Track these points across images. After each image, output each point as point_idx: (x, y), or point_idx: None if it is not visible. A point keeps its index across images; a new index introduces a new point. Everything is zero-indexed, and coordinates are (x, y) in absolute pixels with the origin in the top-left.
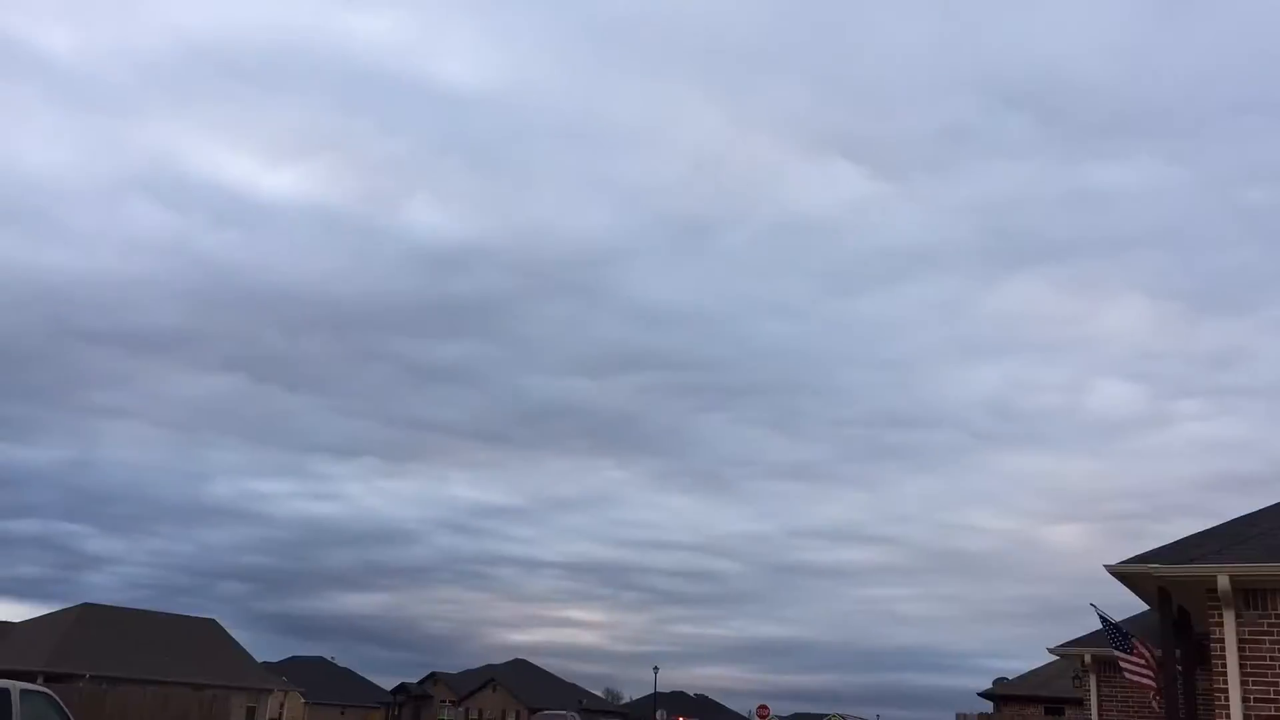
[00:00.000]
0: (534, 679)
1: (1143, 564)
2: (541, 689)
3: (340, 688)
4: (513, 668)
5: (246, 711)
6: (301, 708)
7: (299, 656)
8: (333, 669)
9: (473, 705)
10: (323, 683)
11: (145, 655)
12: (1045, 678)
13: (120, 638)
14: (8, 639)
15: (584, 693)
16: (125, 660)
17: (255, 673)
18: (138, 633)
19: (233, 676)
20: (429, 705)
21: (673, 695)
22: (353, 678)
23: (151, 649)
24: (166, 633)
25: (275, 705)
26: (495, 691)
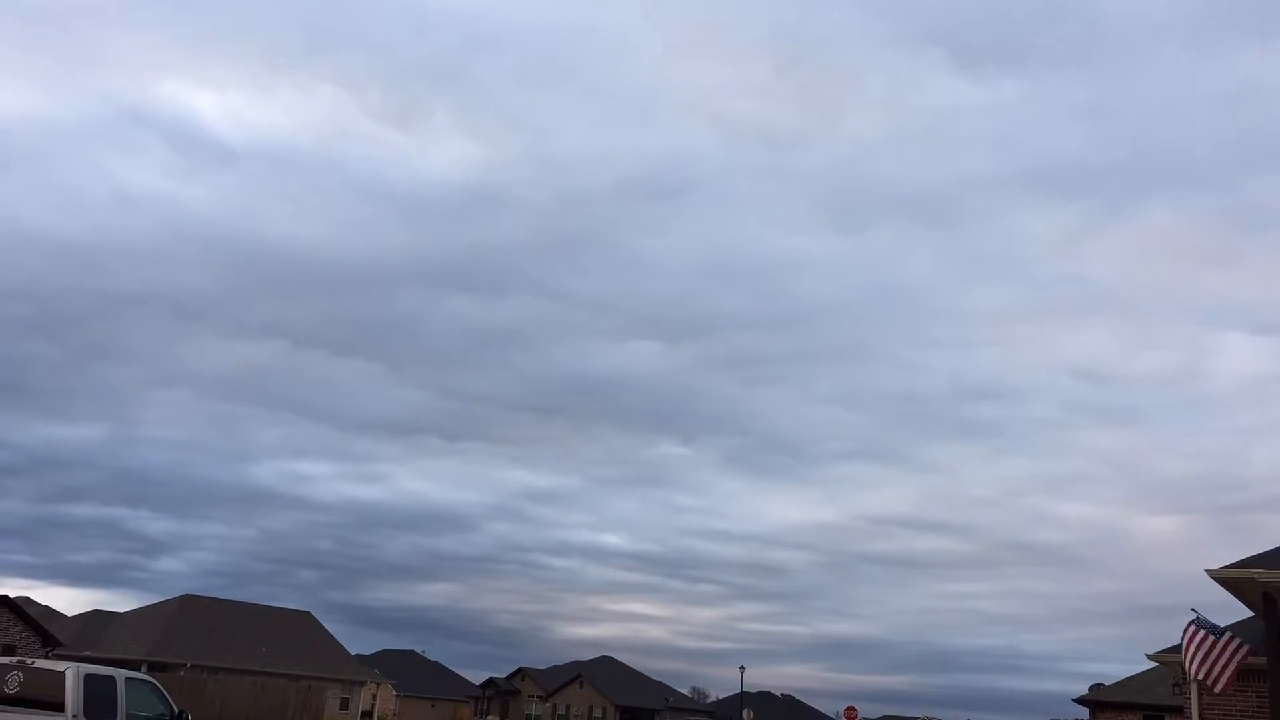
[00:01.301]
0: (621, 676)
1: (1246, 569)
2: (628, 686)
3: (430, 681)
4: (600, 664)
5: (340, 702)
6: (393, 700)
7: (390, 649)
8: (423, 662)
9: (560, 701)
10: (413, 675)
11: (243, 645)
12: (1143, 684)
13: (219, 628)
14: (113, 629)
15: (670, 691)
16: (224, 650)
17: (349, 664)
18: (235, 623)
19: (327, 668)
20: (517, 700)
21: (759, 695)
22: (442, 671)
23: (249, 639)
24: (263, 624)
25: (368, 697)
26: (583, 688)
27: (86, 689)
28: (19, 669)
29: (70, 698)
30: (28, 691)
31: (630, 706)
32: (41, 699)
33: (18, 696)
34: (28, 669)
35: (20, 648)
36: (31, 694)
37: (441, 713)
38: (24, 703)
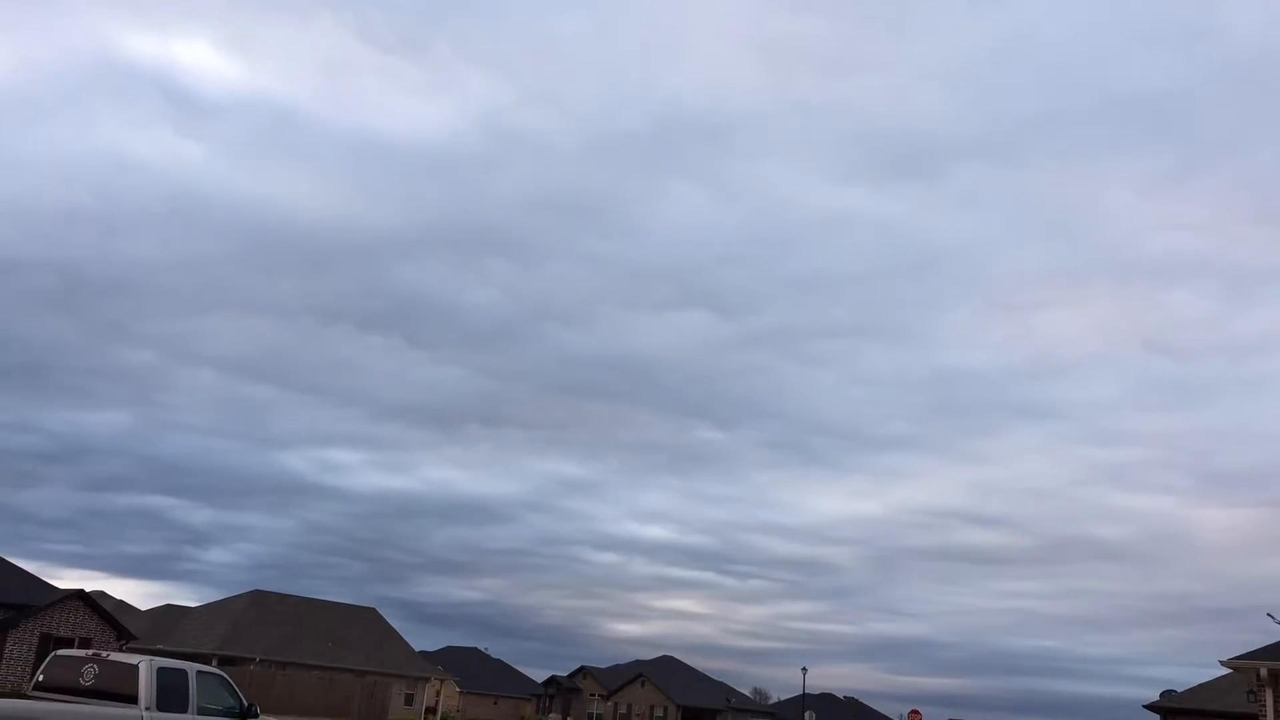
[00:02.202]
0: (682, 676)
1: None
2: (690, 686)
3: (493, 678)
4: (661, 664)
5: (405, 698)
6: (457, 696)
7: (453, 646)
8: (486, 659)
9: (621, 700)
10: (476, 673)
11: (310, 641)
12: (1217, 691)
13: (287, 623)
14: (184, 623)
15: (732, 691)
16: (292, 645)
17: (413, 661)
18: (303, 619)
19: (392, 664)
20: (579, 698)
21: (821, 697)
22: (504, 669)
23: (316, 635)
24: (330, 619)
25: (431, 693)
26: (644, 687)
27: (159, 682)
28: (94, 662)
29: (143, 690)
30: (103, 684)
31: (692, 706)
32: (116, 691)
33: (93, 689)
34: (102, 662)
35: (95, 641)
36: (106, 686)
37: (504, 710)
38: (99, 695)
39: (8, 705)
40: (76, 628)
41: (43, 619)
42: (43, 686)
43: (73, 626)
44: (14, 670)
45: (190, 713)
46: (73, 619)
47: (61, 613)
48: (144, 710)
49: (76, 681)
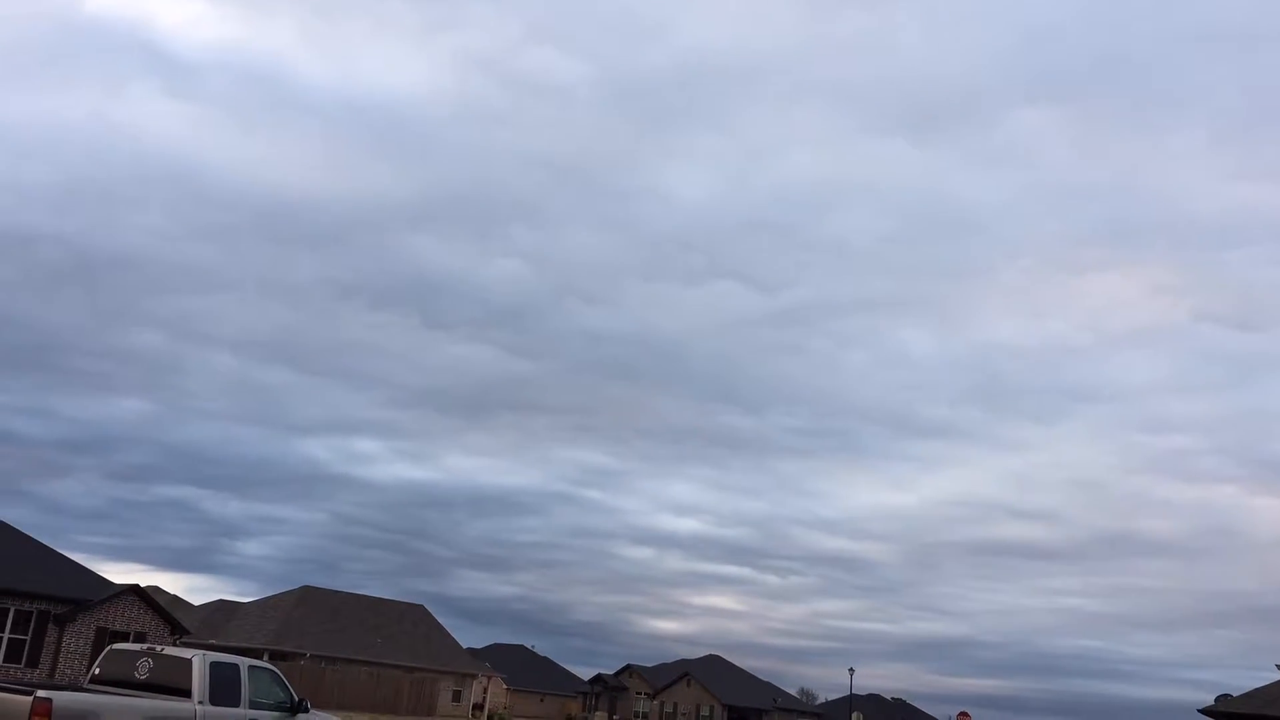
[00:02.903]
0: (728, 675)
1: None
2: (736, 685)
3: (539, 675)
4: (707, 663)
5: (452, 695)
6: (504, 693)
7: (500, 643)
8: (532, 657)
9: (668, 699)
10: (523, 670)
11: (359, 637)
12: (1273, 696)
13: (336, 619)
14: (236, 618)
15: (778, 691)
16: (341, 641)
17: (460, 658)
18: (352, 615)
19: (440, 660)
20: (624, 697)
21: (869, 698)
22: (551, 666)
23: (365, 631)
24: (379, 616)
25: (479, 690)
26: (690, 686)
27: (212, 675)
28: (149, 656)
29: (196, 684)
30: (157, 677)
31: (738, 706)
32: (170, 685)
33: (148, 682)
34: (157, 655)
35: (150, 635)
36: (160, 680)
37: (550, 707)
38: (153, 688)
39: (65, 698)
40: (131, 622)
41: (98, 613)
42: (99, 679)
43: (128, 621)
44: (71, 663)
45: (242, 707)
46: (128, 613)
47: (117, 607)
48: (197, 704)
49: (131, 675)
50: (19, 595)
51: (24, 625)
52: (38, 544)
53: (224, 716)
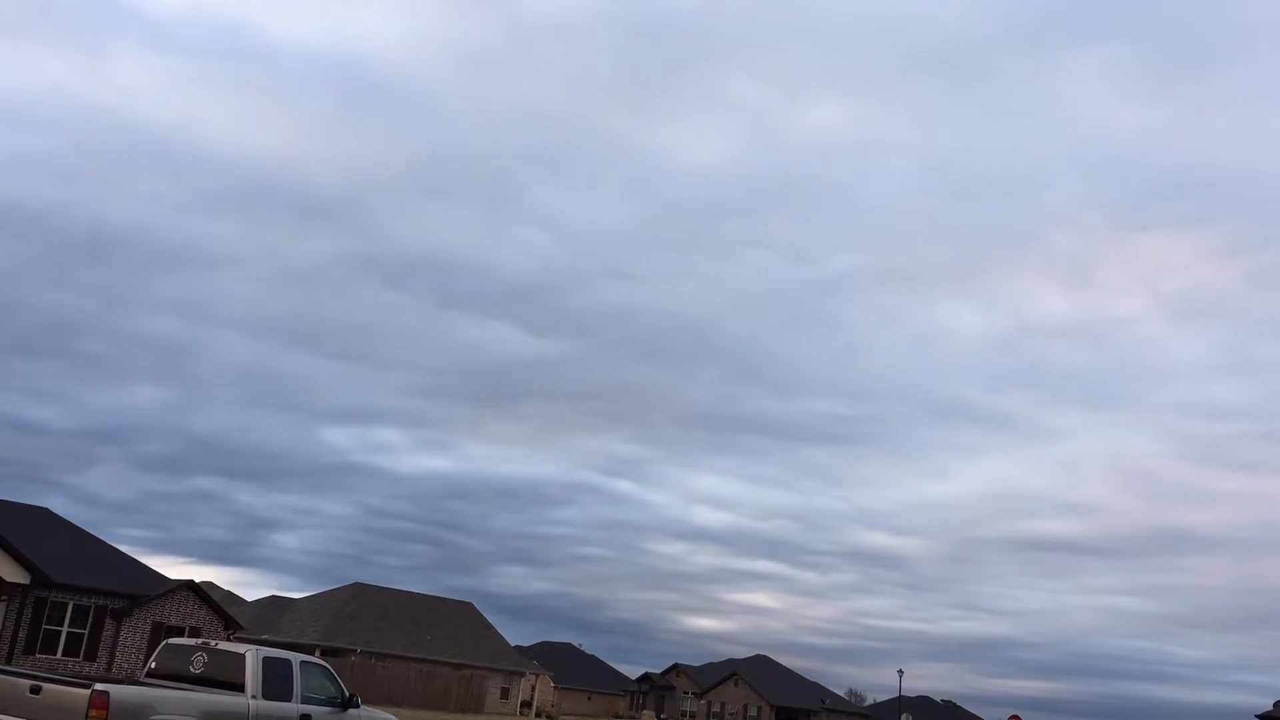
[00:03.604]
0: (776, 675)
1: None
2: (783, 686)
3: (587, 674)
4: (755, 663)
5: (501, 692)
6: (551, 691)
7: (548, 641)
8: (580, 655)
9: (715, 698)
10: (570, 668)
11: (409, 633)
12: None
13: (386, 616)
14: (289, 614)
15: (826, 692)
16: (391, 637)
17: (509, 655)
18: (402, 612)
19: (489, 658)
20: (672, 696)
21: (918, 700)
22: (598, 665)
23: (414, 628)
24: (428, 613)
25: (527, 687)
26: (738, 686)
27: (265, 670)
28: (203, 650)
29: (250, 679)
30: (211, 672)
31: (786, 707)
32: (223, 679)
33: (202, 676)
34: (211, 650)
35: (204, 630)
36: (214, 674)
37: (598, 705)
38: (207, 682)
39: (122, 691)
40: (186, 617)
41: (154, 608)
42: (154, 674)
43: (182, 616)
44: (127, 657)
45: (295, 702)
46: (182, 608)
47: (172, 602)
48: (250, 698)
49: (186, 669)
50: (78, 590)
51: (82, 620)
52: (95, 539)
53: (277, 711)
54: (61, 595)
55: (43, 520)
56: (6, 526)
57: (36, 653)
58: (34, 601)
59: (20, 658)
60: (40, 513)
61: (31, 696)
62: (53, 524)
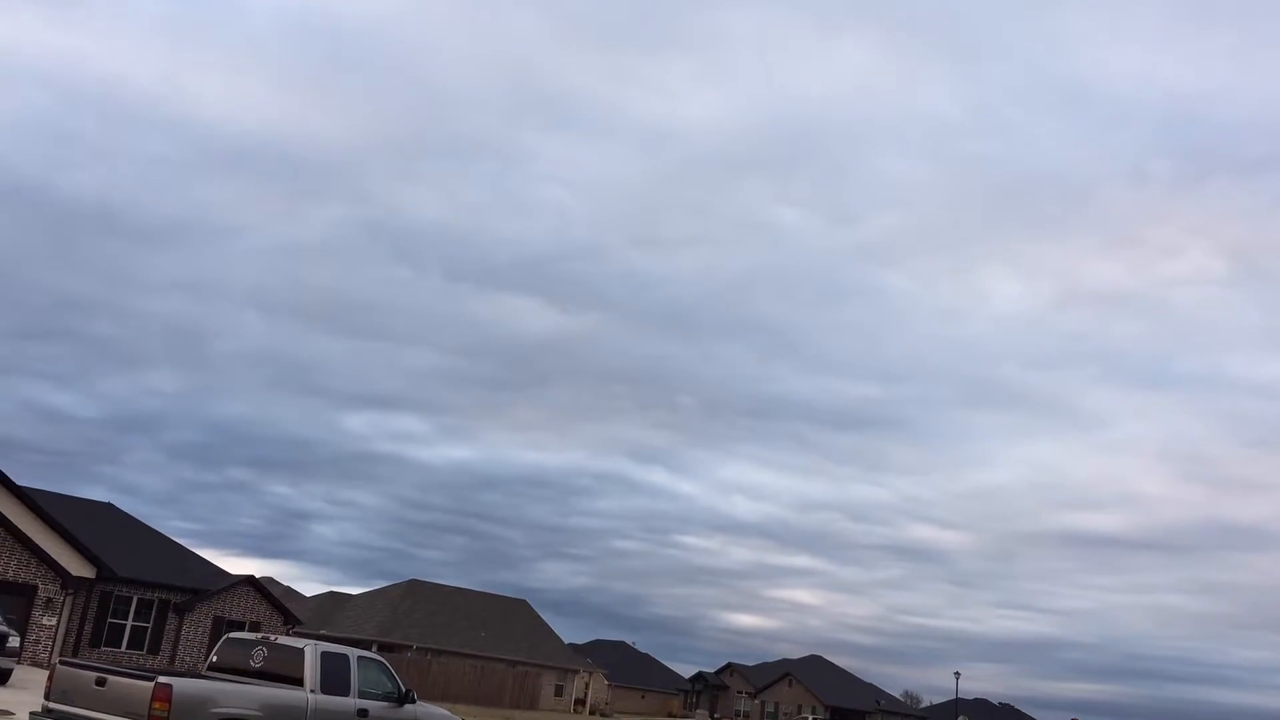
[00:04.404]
0: (830, 676)
1: None
2: (838, 686)
3: (640, 672)
4: (809, 663)
5: (555, 689)
6: (605, 689)
7: (602, 639)
8: (633, 653)
9: (769, 698)
10: (624, 666)
11: (464, 630)
12: None
13: (442, 613)
14: (346, 610)
15: (881, 693)
16: (447, 634)
17: (563, 653)
18: (457, 609)
19: (543, 655)
20: (725, 695)
21: (975, 702)
22: (652, 663)
23: (470, 624)
24: (483, 610)
25: (580, 685)
26: (792, 686)
27: (323, 665)
28: (263, 645)
29: (308, 673)
30: (270, 666)
31: (841, 707)
32: (283, 673)
33: (262, 670)
34: (271, 645)
35: (264, 624)
36: (274, 668)
37: (651, 704)
38: (267, 676)
39: (184, 684)
40: (247, 612)
41: (216, 603)
42: (215, 667)
43: (243, 610)
44: (190, 651)
45: (352, 696)
46: (243, 603)
47: (233, 597)
48: (309, 692)
49: (247, 663)
50: (142, 585)
51: (146, 613)
52: (157, 534)
53: (334, 705)
54: (126, 589)
55: (107, 515)
56: (72, 521)
57: (102, 645)
58: (99, 595)
59: (86, 650)
60: (104, 508)
61: (97, 688)
62: (117, 519)
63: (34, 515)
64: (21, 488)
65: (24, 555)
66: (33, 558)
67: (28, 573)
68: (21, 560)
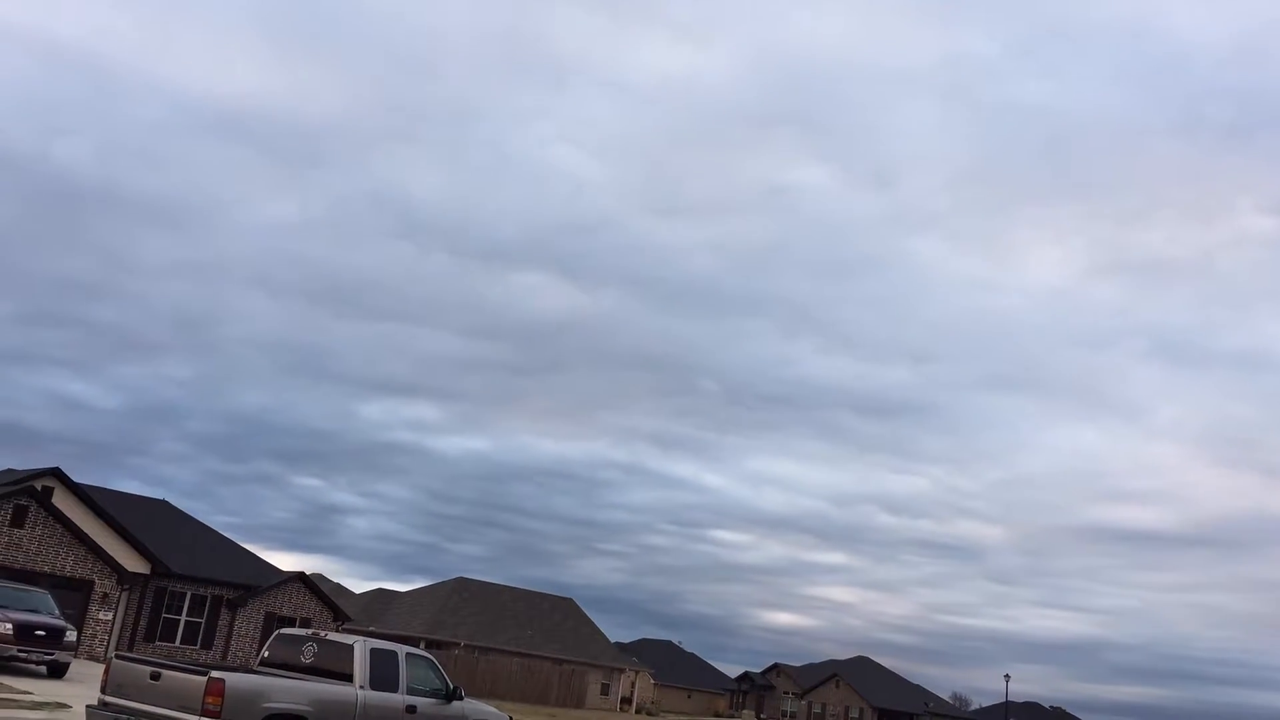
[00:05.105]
0: (878, 677)
1: None
2: (886, 688)
3: (686, 671)
4: (856, 664)
5: (601, 688)
6: (651, 688)
7: (648, 639)
8: (679, 653)
9: (816, 699)
10: (670, 665)
11: (511, 628)
12: None
13: (488, 610)
14: (394, 607)
15: (929, 695)
16: (493, 631)
17: (609, 652)
18: (504, 606)
19: (589, 654)
20: (772, 695)
21: (1025, 705)
22: (698, 663)
23: (516, 622)
24: (529, 608)
25: (627, 683)
26: (839, 687)
27: (372, 661)
28: (314, 641)
29: (358, 669)
30: (321, 662)
31: (888, 709)
32: (333, 669)
33: (312, 666)
34: (321, 641)
35: (314, 620)
36: (324, 664)
37: (698, 703)
38: (317, 672)
39: (237, 678)
40: (297, 608)
41: (267, 599)
42: (267, 662)
43: (294, 607)
44: (242, 646)
45: (401, 692)
46: (294, 599)
47: (284, 593)
48: (359, 688)
49: (297, 659)
50: (196, 580)
51: (199, 609)
52: (210, 530)
53: (383, 701)
54: (180, 585)
55: (162, 512)
56: (128, 518)
57: (156, 640)
58: (154, 591)
59: (141, 644)
60: (159, 505)
61: (151, 682)
62: (171, 515)
63: (91, 512)
64: (79, 485)
65: (81, 551)
66: (89, 554)
67: (85, 568)
68: (78, 556)
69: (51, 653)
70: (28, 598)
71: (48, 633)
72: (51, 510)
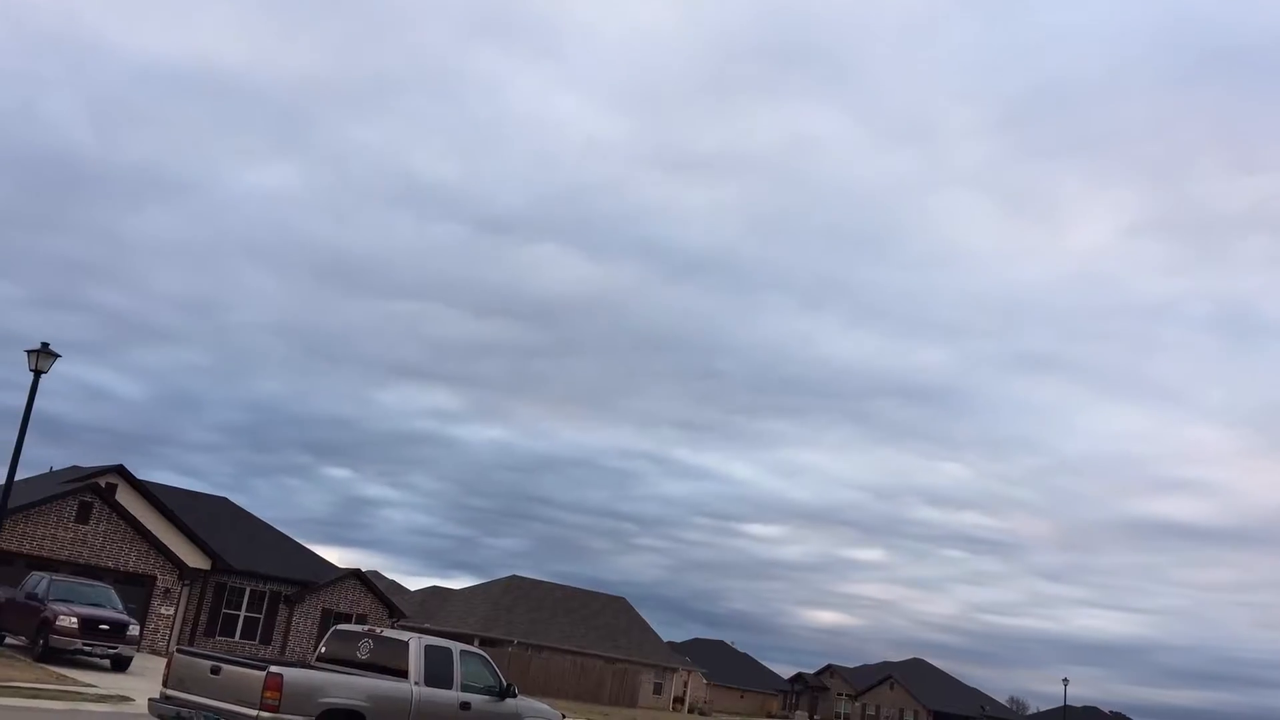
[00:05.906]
0: (932, 679)
1: None
2: (940, 690)
3: (739, 671)
4: (911, 666)
5: (654, 687)
6: (704, 688)
7: (700, 638)
8: (732, 653)
9: (870, 701)
10: (723, 665)
11: (564, 626)
12: None
13: (541, 609)
14: (449, 604)
15: (985, 698)
16: (546, 629)
17: (661, 651)
18: (557, 605)
19: (641, 653)
20: (825, 697)
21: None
22: (750, 663)
23: (569, 621)
24: (582, 606)
25: (679, 683)
26: (893, 689)
27: (427, 658)
28: (369, 637)
29: (413, 665)
30: (376, 658)
31: (943, 712)
32: (388, 665)
33: (368, 662)
34: (376, 637)
35: (370, 617)
36: (379, 660)
37: (750, 703)
38: (373, 668)
39: (294, 674)
40: (353, 604)
41: (323, 595)
42: (324, 658)
43: (350, 603)
44: (299, 641)
45: (454, 689)
46: (349, 596)
47: (340, 590)
48: (413, 684)
49: (354, 655)
50: (255, 577)
51: (258, 605)
52: (269, 528)
53: (437, 697)
54: (239, 581)
55: (222, 509)
56: (190, 515)
57: (216, 635)
58: (214, 586)
59: (201, 639)
60: (220, 502)
61: (212, 676)
62: (231, 513)
63: (154, 509)
64: (142, 482)
65: (143, 547)
66: (152, 550)
67: (147, 564)
68: (141, 552)
69: (115, 646)
70: (92, 592)
71: (111, 627)
72: (115, 506)
